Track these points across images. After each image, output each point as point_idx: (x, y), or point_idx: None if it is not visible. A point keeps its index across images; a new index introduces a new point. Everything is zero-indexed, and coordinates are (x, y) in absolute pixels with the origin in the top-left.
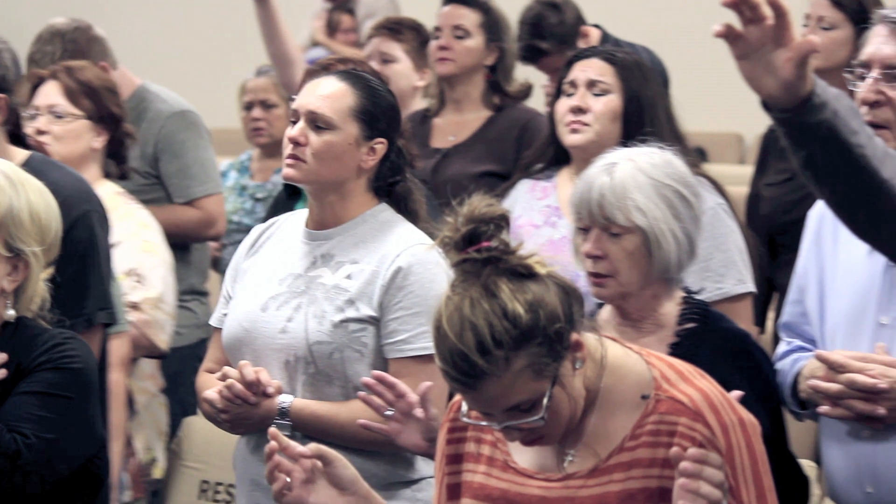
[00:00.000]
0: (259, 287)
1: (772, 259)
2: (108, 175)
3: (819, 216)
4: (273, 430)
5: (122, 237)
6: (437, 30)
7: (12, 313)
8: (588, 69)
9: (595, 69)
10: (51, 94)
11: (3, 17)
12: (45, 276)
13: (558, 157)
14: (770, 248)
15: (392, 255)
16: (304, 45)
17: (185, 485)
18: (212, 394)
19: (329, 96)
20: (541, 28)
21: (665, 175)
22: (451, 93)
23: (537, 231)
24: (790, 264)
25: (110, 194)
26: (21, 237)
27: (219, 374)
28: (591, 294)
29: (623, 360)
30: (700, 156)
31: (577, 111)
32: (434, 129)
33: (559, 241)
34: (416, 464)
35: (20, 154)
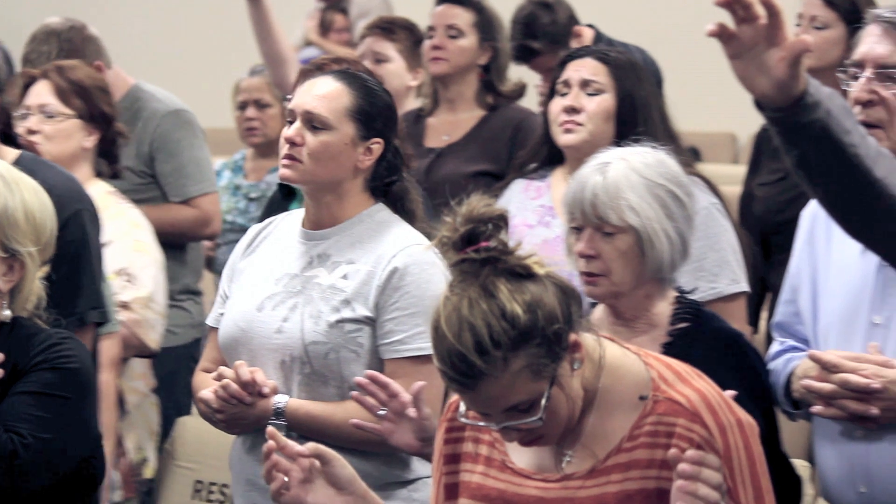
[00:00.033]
0: (255, 287)
1: (765, 259)
2: (99, 174)
3: (812, 216)
4: (271, 429)
5: (113, 236)
6: (431, 29)
7: (8, 313)
8: (581, 69)
9: (588, 69)
10: (42, 93)
11: None
12: (40, 274)
13: (552, 157)
14: (763, 247)
15: (388, 256)
16: (297, 45)
17: (178, 485)
18: (207, 394)
19: (325, 96)
20: (533, 28)
21: (658, 175)
22: (445, 92)
23: (531, 231)
24: (783, 264)
25: (102, 194)
26: (16, 237)
27: (214, 374)
28: (584, 293)
29: (621, 360)
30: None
31: (571, 111)
32: (428, 129)
33: (553, 240)
34: (411, 464)
35: (11, 154)
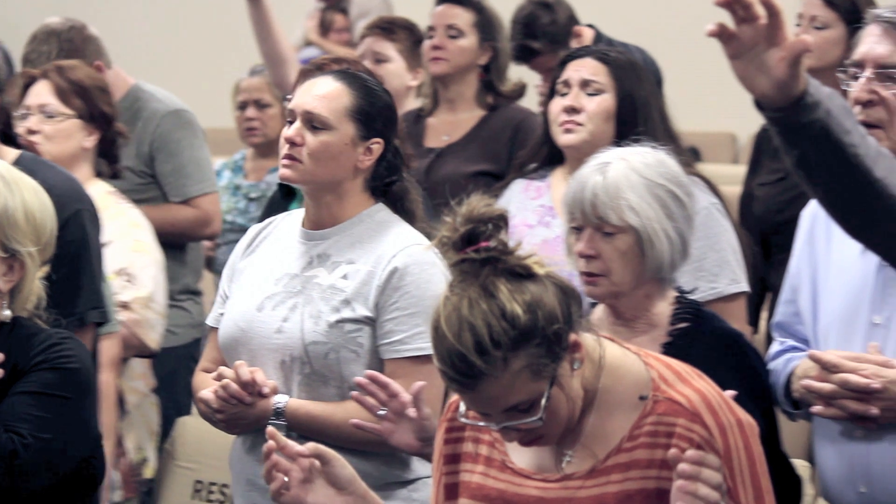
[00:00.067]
0: (255, 287)
1: (765, 259)
2: (99, 174)
3: (812, 216)
4: (271, 429)
5: (112, 236)
6: (431, 29)
7: (8, 313)
8: (581, 69)
9: (588, 69)
10: (42, 93)
11: None
12: (40, 274)
13: (552, 157)
14: (763, 247)
15: (388, 256)
16: (297, 45)
17: (178, 485)
18: (207, 394)
19: (325, 96)
20: (533, 28)
21: (658, 175)
22: (445, 92)
23: (531, 231)
24: (783, 264)
25: (101, 193)
26: (16, 237)
27: (214, 374)
28: (584, 293)
29: (621, 360)
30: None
31: (571, 111)
32: (428, 129)
33: (553, 240)
34: (411, 464)
35: (10, 154)
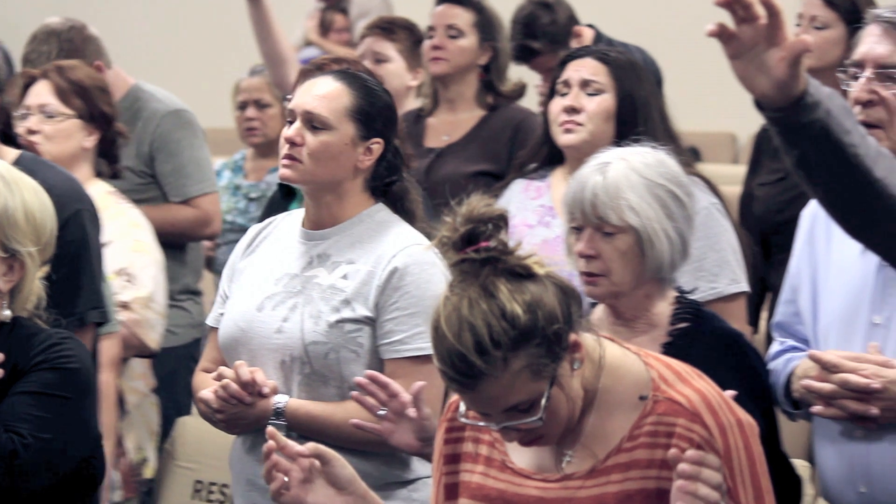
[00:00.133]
0: (255, 287)
1: (765, 259)
2: (99, 174)
3: (812, 216)
4: (271, 429)
5: (112, 236)
6: (431, 29)
7: (8, 313)
8: (581, 69)
9: (588, 69)
10: (42, 93)
11: None
12: (40, 274)
13: (552, 157)
14: (763, 247)
15: (388, 256)
16: (297, 45)
17: (178, 485)
18: (207, 394)
19: (325, 96)
20: (533, 28)
21: (658, 175)
22: (445, 92)
23: (531, 231)
24: (783, 264)
25: (101, 193)
26: (16, 237)
27: (214, 374)
28: (584, 293)
29: (621, 360)
30: (694, 155)
31: (571, 111)
32: (428, 129)
33: (553, 240)
34: (411, 464)
35: (10, 154)
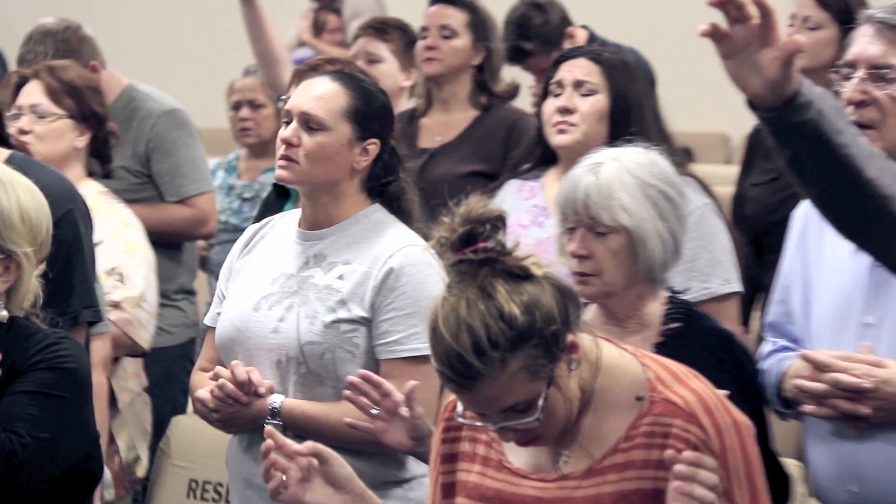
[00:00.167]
0: (252, 287)
1: (757, 259)
2: (91, 174)
3: (804, 216)
4: (270, 428)
5: (104, 236)
6: (424, 30)
7: (5, 314)
8: (575, 69)
9: (582, 69)
10: (33, 93)
11: None
12: (37, 273)
13: (546, 158)
14: (755, 247)
15: (384, 256)
16: (290, 45)
17: (173, 483)
18: (203, 393)
19: (322, 97)
20: (525, 29)
21: (650, 175)
22: (439, 93)
23: (525, 231)
24: (775, 264)
25: (93, 193)
26: (12, 238)
27: (211, 374)
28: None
29: (618, 361)
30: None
31: (564, 111)
32: (421, 129)
33: (547, 240)
34: (407, 463)
35: (1, 154)
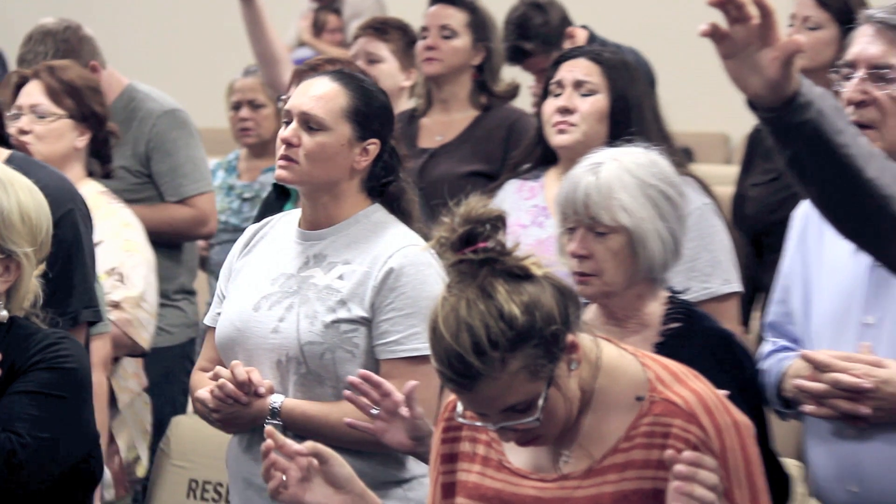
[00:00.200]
0: (252, 287)
1: (757, 259)
2: (91, 174)
3: (804, 216)
4: (270, 428)
5: (103, 236)
6: (424, 30)
7: (5, 314)
8: (575, 69)
9: (582, 69)
10: (33, 93)
11: None
12: (37, 273)
13: (546, 158)
14: (755, 247)
15: (384, 256)
16: (290, 45)
17: (173, 483)
18: (204, 393)
19: (322, 97)
20: (525, 29)
21: (650, 175)
22: (439, 93)
23: (525, 231)
24: (775, 264)
25: (93, 193)
26: (12, 238)
27: (211, 374)
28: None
29: (618, 361)
30: (687, 156)
31: (564, 111)
32: (421, 129)
33: (547, 240)
34: (407, 463)
35: (1, 154)
